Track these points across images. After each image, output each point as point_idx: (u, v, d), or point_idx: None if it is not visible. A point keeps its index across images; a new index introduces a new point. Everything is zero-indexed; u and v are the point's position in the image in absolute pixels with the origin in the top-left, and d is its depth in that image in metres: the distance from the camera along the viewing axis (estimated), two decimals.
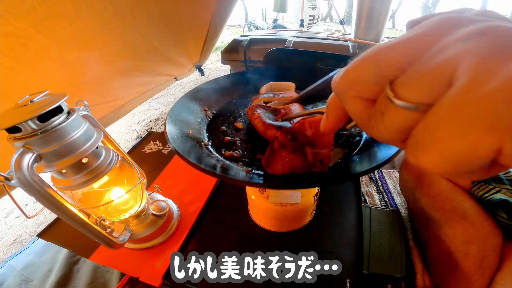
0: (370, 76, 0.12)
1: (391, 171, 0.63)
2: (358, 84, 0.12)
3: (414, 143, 0.10)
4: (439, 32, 0.10)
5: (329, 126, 0.17)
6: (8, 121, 0.23)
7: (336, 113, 0.16)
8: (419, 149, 0.10)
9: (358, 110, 0.13)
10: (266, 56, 0.59)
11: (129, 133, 1.41)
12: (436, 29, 0.10)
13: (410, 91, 0.10)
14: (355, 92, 0.13)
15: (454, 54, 0.09)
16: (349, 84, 0.13)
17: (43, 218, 0.94)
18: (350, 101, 0.13)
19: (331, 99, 0.16)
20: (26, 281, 0.42)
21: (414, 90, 0.10)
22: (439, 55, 0.09)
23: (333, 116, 0.17)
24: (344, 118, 0.17)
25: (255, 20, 3.05)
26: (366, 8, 0.82)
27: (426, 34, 0.11)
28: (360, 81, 0.12)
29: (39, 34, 0.51)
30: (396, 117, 0.11)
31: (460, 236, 0.35)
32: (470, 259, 0.33)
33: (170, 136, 0.32)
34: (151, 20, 0.79)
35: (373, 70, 0.11)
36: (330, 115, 0.17)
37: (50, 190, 0.25)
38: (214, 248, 0.40)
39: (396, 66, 0.11)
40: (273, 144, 0.28)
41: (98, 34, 0.65)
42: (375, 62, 0.11)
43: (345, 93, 0.13)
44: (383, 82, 0.11)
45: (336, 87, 0.14)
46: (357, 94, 0.13)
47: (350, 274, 0.35)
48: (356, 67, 0.12)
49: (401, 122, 0.11)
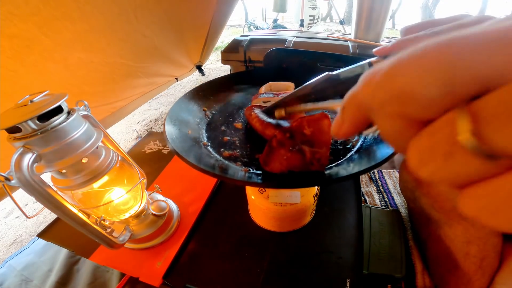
0: (433, 90, 0.08)
1: (391, 171, 0.63)
2: (409, 99, 0.08)
3: (485, 203, 0.07)
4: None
5: (343, 132, 0.14)
6: (8, 121, 0.23)
7: (356, 118, 0.13)
8: (490, 211, 0.07)
9: (397, 130, 0.10)
10: (266, 56, 0.59)
11: (129, 133, 1.41)
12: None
13: (504, 131, 0.06)
14: (400, 108, 0.09)
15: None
16: (393, 96, 0.09)
17: (43, 218, 0.94)
18: (387, 118, 0.10)
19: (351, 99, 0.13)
20: (26, 281, 0.42)
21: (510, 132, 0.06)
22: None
23: (351, 120, 0.13)
24: (364, 125, 0.13)
25: (255, 20, 3.06)
26: (366, 8, 0.82)
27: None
28: (415, 95, 0.08)
29: (43, 35, 0.51)
30: (470, 165, 0.07)
31: (460, 236, 0.35)
32: (470, 259, 0.33)
33: (169, 136, 0.32)
34: (153, 20, 0.79)
35: (442, 82, 0.07)
36: (347, 119, 0.13)
37: (50, 190, 0.25)
38: (214, 248, 0.40)
39: (482, 82, 0.07)
40: (271, 142, 0.28)
41: (101, 36, 0.65)
42: (448, 71, 0.07)
43: (383, 107, 0.10)
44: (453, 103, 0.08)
45: (371, 94, 0.10)
46: (403, 111, 0.09)
47: (350, 274, 0.35)
48: (411, 74, 0.08)
49: (474, 172, 0.07)
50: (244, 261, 0.38)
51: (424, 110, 0.08)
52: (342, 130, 0.14)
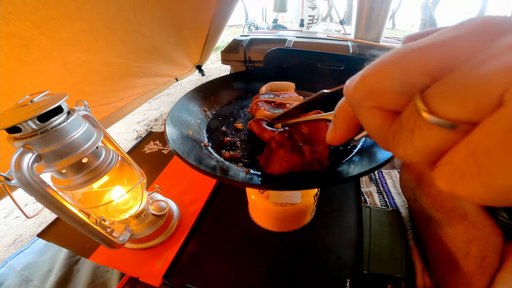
0: (394, 84, 0.10)
1: (391, 171, 0.63)
2: (378, 93, 0.11)
3: (450, 170, 0.09)
4: (486, 36, 0.08)
5: (337, 138, 0.16)
6: (8, 121, 0.23)
7: (346, 123, 0.15)
8: (457, 178, 0.08)
9: (377, 123, 0.11)
10: (266, 56, 0.59)
11: (129, 133, 1.41)
12: (482, 31, 0.09)
13: (448, 105, 0.08)
14: (374, 102, 0.11)
15: (508, 65, 0.07)
16: (367, 93, 0.11)
17: (43, 218, 0.94)
18: (367, 112, 0.12)
19: (340, 108, 0.15)
20: (26, 281, 0.42)
21: (453, 105, 0.08)
22: (487, 63, 0.08)
23: (342, 127, 0.15)
24: (354, 130, 0.15)
25: (255, 20, 3.06)
26: (366, 8, 0.82)
27: (469, 36, 0.09)
28: (381, 90, 0.10)
29: (41, 35, 0.51)
30: (429, 137, 0.09)
31: (460, 236, 0.35)
32: (470, 259, 0.33)
33: (170, 137, 0.32)
34: (153, 20, 0.79)
35: (399, 77, 0.10)
36: (338, 126, 0.15)
37: (50, 190, 0.25)
38: (214, 248, 0.40)
39: (428, 73, 0.09)
40: (270, 144, 0.28)
41: (100, 35, 0.65)
42: (401, 68, 0.10)
43: (361, 103, 0.12)
44: (411, 92, 0.10)
45: (350, 95, 0.12)
46: (376, 104, 0.11)
47: (350, 274, 0.35)
48: (376, 73, 0.10)
49: (435, 143, 0.09)
50: (244, 261, 0.38)
51: (392, 101, 0.10)
52: (336, 137, 0.16)
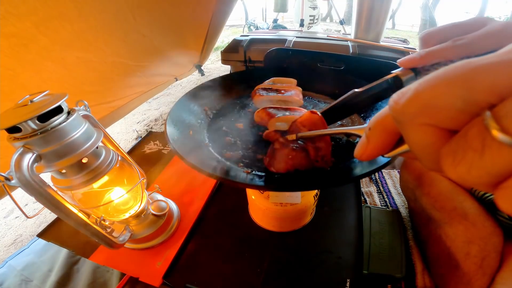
0: (455, 101, 0.09)
1: (391, 171, 0.63)
2: (435, 110, 0.10)
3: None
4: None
5: (368, 152, 0.15)
6: (8, 121, 0.23)
7: (383, 138, 0.14)
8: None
9: (428, 141, 0.11)
10: (266, 56, 0.59)
11: (129, 133, 1.41)
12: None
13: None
14: (428, 119, 0.10)
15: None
16: (421, 109, 0.10)
17: (43, 218, 0.94)
18: (418, 129, 0.11)
19: (379, 121, 0.14)
20: (26, 281, 0.42)
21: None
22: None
23: (377, 141, 0.14)
24: (389, 145, 0.14)
25: (255, 20, 3.05)
26: (366, 8, 0.82)
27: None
28: (439, 107, 0.10)
29: (40, 34, 0.51)
30: (498, 157, 0.08)
31: (461, 236, 0.35)
32: (470, 259, 0.33)
33: (171, 137, 0.32)
34: (152, 20, 0.79)
35: (462, 93, 0.09)
36: (373, 140, 0.14)
37: (50, 190, 0.25)
38: (214, 248, 0.40)
39: (496, 92, 0.08)
40: (274, 145, 0.28)
41: (99, 35, 0.65)
42: (466, 84, 0.09)
43: (413, 120, 0.11)
44: (472, 111, 0.09)
45: (401, 110, 0.11)
46: (431, 122, 0.10)
47: (350, 274, 0.35)
48: (435, 88, 0.10)
49: (504, 165, 0.08)
50: (244, 261, 0.38)
51: (451, 119, 0.10)
52: (367, 152, 0.15)
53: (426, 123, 0.10)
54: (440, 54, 0.19)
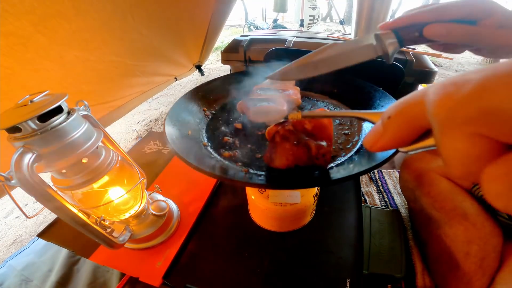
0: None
1: (391, 171, 0.63)
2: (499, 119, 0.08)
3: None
4: None
5: (382, 144, 0.12)
6: (8, 121, 0.23)
7: (403, 132, 0.12)
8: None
9: (475, 153, 0.08)
10: (266, 56, 0.59)
11: (129, 133, 1.41)
12: None
13: None
14: (488, 131, 0.08)
15: None
16: (478, 115, 0.08)
17: (43, 218, 0.94)
18: (465, 138, 0.09)
19: (402, 110, 0.11)
20: (26, 281, 0.42)
21: None
22: None
23: (395, 133, 0.12)
24: (408, 140, 0.12)
25: (255, 20, 3.05)
26: (366, 8, 0.82)
27: None
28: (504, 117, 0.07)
29: (38, 33, 0.51)
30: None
31: (460, 236, 0.35)
32: (470, 259, 0.33)
33: (170, 137, 0.32)
34: (151, 19, 0.78)
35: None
36: (391, 131, 0.12)
37: (50, 190, 0.25)
38: (214, 248, 0.40)
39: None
40: (275, 138, 0.28)
41: (97, 34, 0.64)
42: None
43: (462, 126, 0.08)
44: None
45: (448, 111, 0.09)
46: (489, 134, 0.08)
47: (350, 274, 0.35)
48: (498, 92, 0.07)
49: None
50: (244, 261, 0.38)
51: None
52: (380, 142, 0.12)
53: (479, 132, 0.08)
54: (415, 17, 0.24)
